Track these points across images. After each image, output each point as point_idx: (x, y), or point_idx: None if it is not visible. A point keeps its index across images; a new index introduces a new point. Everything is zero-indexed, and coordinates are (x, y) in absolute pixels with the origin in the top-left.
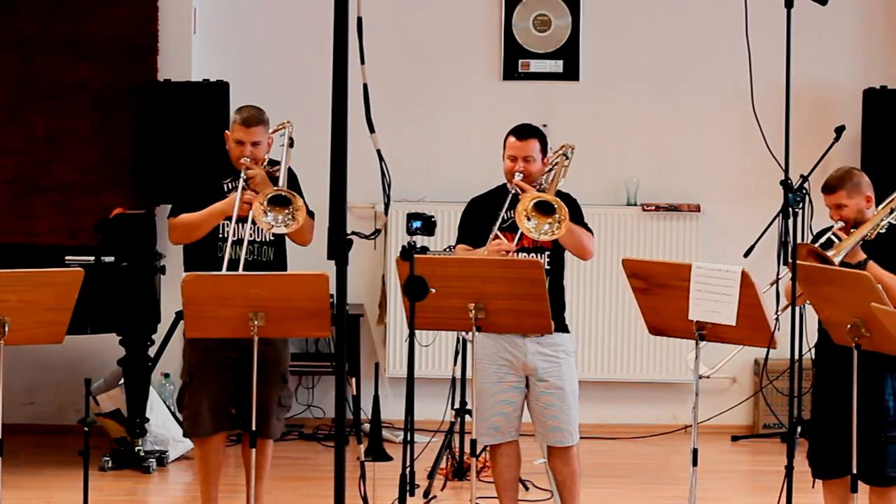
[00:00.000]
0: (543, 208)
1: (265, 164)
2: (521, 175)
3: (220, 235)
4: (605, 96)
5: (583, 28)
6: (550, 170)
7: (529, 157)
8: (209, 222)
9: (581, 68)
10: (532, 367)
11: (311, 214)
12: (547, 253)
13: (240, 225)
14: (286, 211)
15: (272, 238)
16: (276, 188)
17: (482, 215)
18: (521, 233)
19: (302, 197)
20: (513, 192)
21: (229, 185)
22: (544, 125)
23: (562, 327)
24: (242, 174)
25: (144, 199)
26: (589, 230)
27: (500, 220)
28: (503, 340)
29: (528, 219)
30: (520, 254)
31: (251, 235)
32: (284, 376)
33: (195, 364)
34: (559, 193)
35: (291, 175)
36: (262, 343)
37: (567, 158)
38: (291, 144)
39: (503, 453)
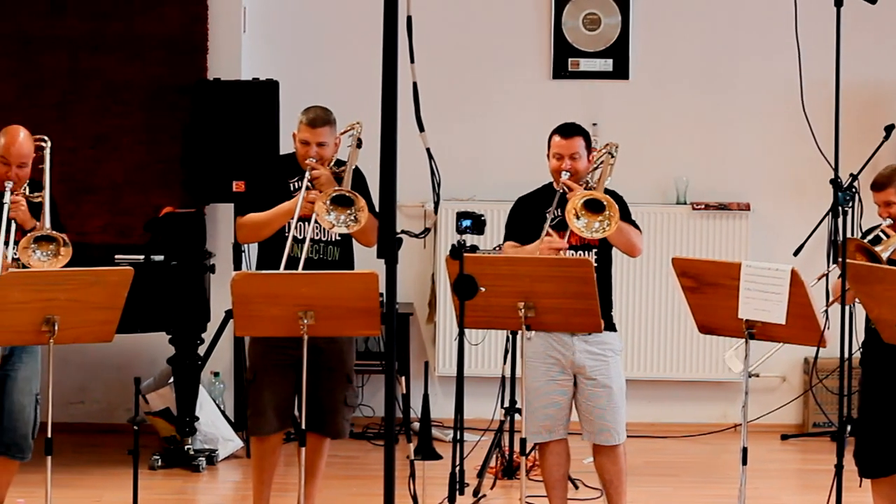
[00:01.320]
0: (593, 206)
1: (332, 164)
2: (568, 174)
3: (287, 234)
4: (654, 95)
5: (632, 26)
6: (596, 168)
7: (575, 155)
8: (276, 222)
9: (630, 67)
10: (580, 365)
11: (376, 215)
12: (594, 250)
13: (304, 224)
14: (348, 211)
15: (338, 238)
16: (338, 188)
17: (529, 214)
18: (570, 230)
19: (369, 198)
20: (560, 190)
21: (296, 184)
22: (594, 124)
23: (609, 326)
24: (307, 174)
25: (194, 197)
26: (637, 228)
27: (550, 217)
28: (551, 339)
29: (578, 217)
30: (567, 252)
31: (317, 234)
32: (349, 375)
33: (259, 362)
34: (606, 191)
35: (359, 175)
36: (326, 342)
37: (612, 157)
38: (359, 145)
39: (552, 451)
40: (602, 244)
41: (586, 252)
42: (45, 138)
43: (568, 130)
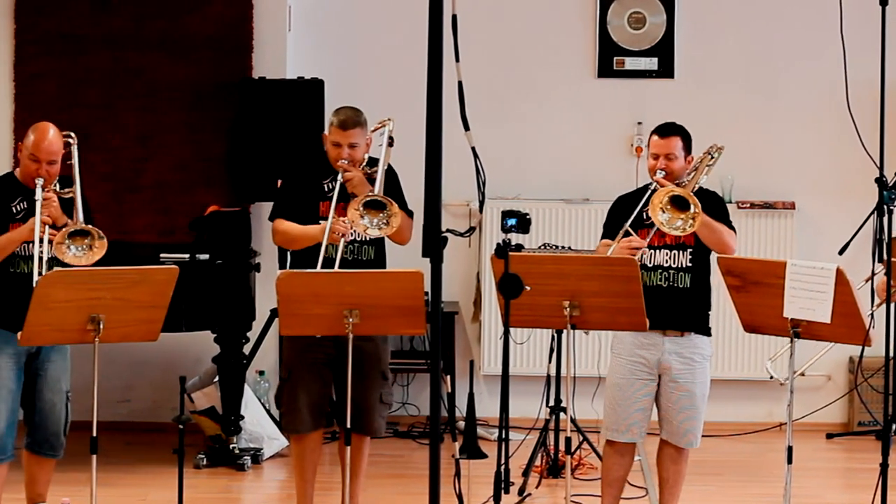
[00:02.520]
0: (679, 203)
1: (364, 163)
2: (663, 172)
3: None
4: (699, 94)
5: (677, 25)
6: (695, 168)
7: (671, 155)
8: (303, 242)
9: (676, 66)
10: (667, 366)
11: (409, 214)
12: (689, 250)
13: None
14: (381, 214)
15: (373, 238)
16: (370, 193)
17: (625, 212)
18: (659, 230)
19: (402, 195)
20: (653, 188)
21: (329, 185)
22: (639, 123)
23: (703, 329)
24: (339, 176)
25: (239, 196)
26: (732, 228)
27: (633, 216)
28: (641, 337)
29: (663, 212)
30: (661, 251)
31: (351, 235)
32: (385, 373)
33: (293, 361)
34: (704, 191)
35: (391, 173)
36: (361, 340)
37: (712, 158)
38: (391, 143)
39: (619, 451)
40: (697, 244)
41: (681, 252)
42: (72, 134)
43: (665, 130)
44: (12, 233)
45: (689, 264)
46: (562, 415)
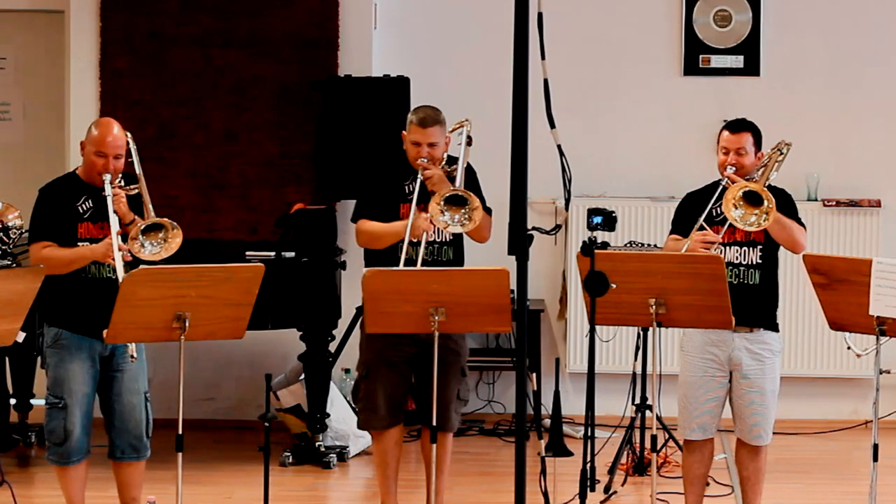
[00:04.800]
0: (752, 199)
1: (444, 162)
2: (734, 168)
3: (407, 238)
4: (785, 91)
5: (763, 23)
6: (765, 164)
7: (741, 150)
8: (387, 240)
9: (761, 63)
10: (737, 362)
11: (488, 211)
12: (759, 247)
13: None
14: (462, 210)
15: (451, 238)
16: (452, 188)
17: (695, 208)
18: (733, 226)
19: (480, 194)
20: (724, 184)
21: (409, 186)
22: (724, 120)
23: (772, 325)
24: (419, 175)
25: (325, 194)
26: (802, 224)
27: (706, 212)
28: (711, 334)
29: (736, 207)
30: (732, 247)
31: (431, 236)
32: (464, 370)
33: (371, 357)
34: (773, 189)
35: (470, 172)
36: (441, 337)
37: (781, 154)
38: (470, 143)
39: (698, 448)
40: (767, 241)
41: (751, 248)
42: (129, 133)
43: (736, 126)
44: (82, 250)
45: (759, 261)
46: (647, 412)
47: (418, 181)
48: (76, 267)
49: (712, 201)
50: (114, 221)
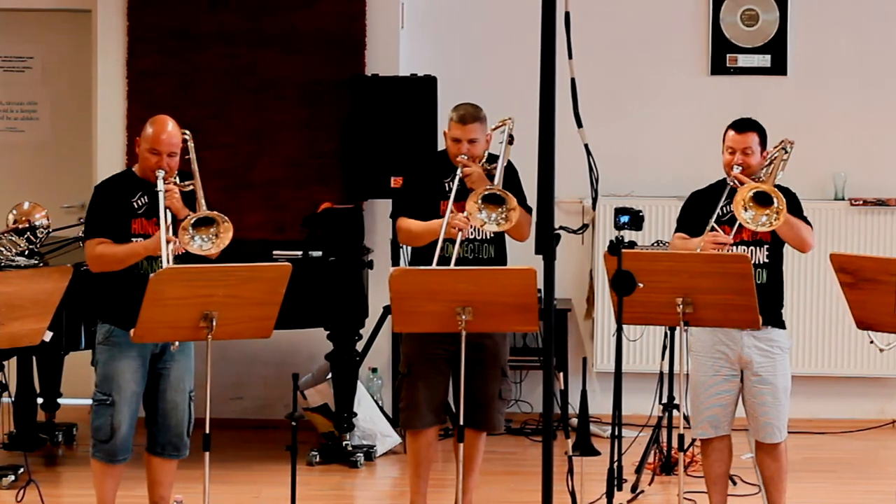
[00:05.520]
0: (761, 199)
1: (484, 160)
2: (740, 168)
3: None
4: (812, 91)
5: (790, 22)
6: (769, 163)
7: (748, 150)
8: (426, 237)
9: (789, 63)
10: (748, 360)
11: (528, 210)
12: (766, 246)
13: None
14: (500, 209)
15: (492, 236)
16: (489, 187)
17: (701, 208)
18: (740, 226)
19: (521, 193)
20: (731, 185)
21: (449, 184)
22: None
23: (779, 323)
24: (459, 172)
25: (352, 193)
26: (808, 223)
27: (717, 213)
28: (720, 333)
29: (746, 209)
30: (739, 247)
31: (471, 233)
32: (504, 369)
33: (413, 356)
34: (778, 187)
35: (511, 171)
36: (481, 337)
37: (786, 152)
38: (511, 141)
39: (715, 447)
40: (774, 240)
41: (758, 248)
42: (187, 132)
43: (742, 125)
44: (135, 246)
45: (766, 260)
46: (675, 412)
47: (457, 178)
48: (129, 263)
49: (721, 201)
50: (163, 217)
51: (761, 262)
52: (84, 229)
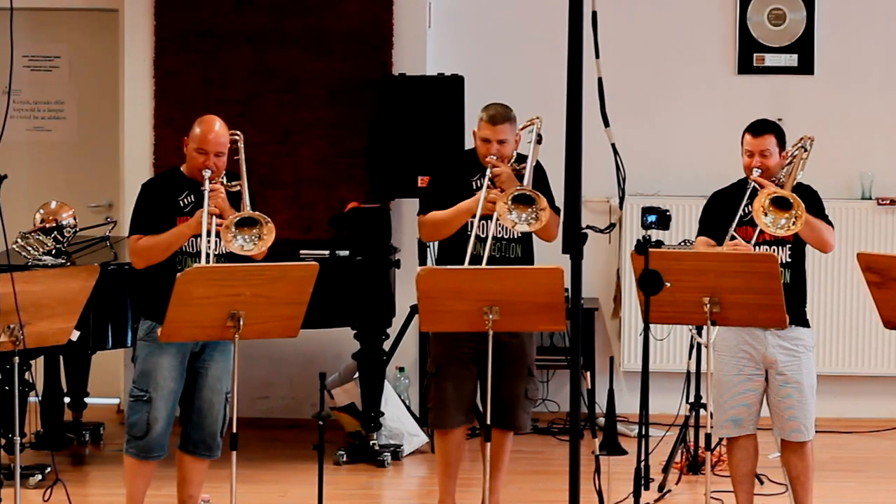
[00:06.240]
0: (780, 203)
1: (513, 160)
2: (759, 170)
3: (469, 233)
4: (839, 90)
5: (818, 21)
6: (790, 163)
7: (766, 152)
8: (457, 220)
9: (816, 62)
10: (772, 359)
11: (557, 210)
12: (788, 246)
13: (486, 222)
14: (530, 209)
15: (520, 235)
16: (519, 187)
17: (722, 209)
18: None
19: (549, 193)
20: (751, 187)
21: (477, 182)
22: (779, 119)
23: (802, 321)
24: (488, 172)
25: (379, 192)
26: (829, 223)
27: (737, 218)
28: (744, 333)
29: (766, 214)
30: (761, 247)
31: (499, 232)
32: (531, 369)
33: (442, 355)
34: (800, 186)
35: (539, 170)
36: (508, 336)
37: (806, 151)
38: (539, 141)
39: (741, 446)
40: (796, 240)
41: (780, 247)
42: (238, 133)
43: (758, 128)
44: (179, 227)
45: (789, 259)
46: (702, 411)
47: (486, 178)
48: (176, 248)
49: (742, 204)
50: (206, 217)
51: (784, 261)
52: (129, 226)
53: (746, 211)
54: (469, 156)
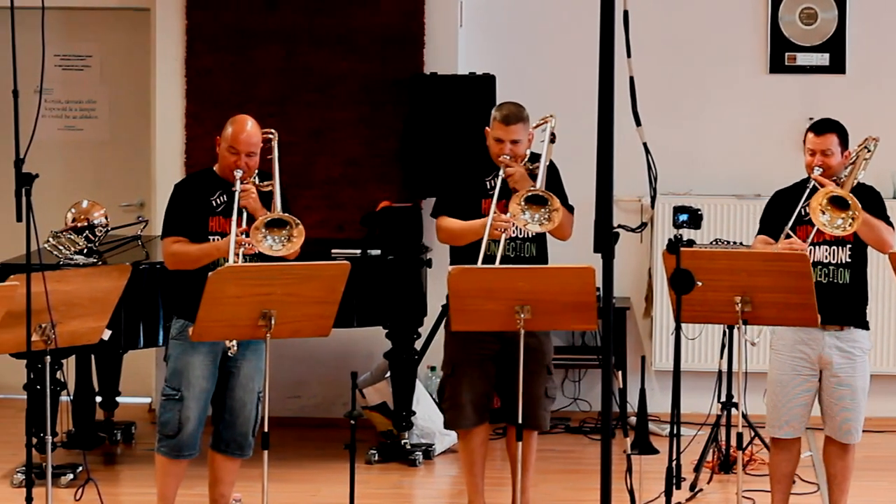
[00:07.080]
0: (838, 203)
1: (526, 159)
2: (820, 169)
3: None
4: (871, 89)
5: (849, 20)
6: (852, 162)
7: (827, 152)
8: (464, 239)
9: (847, 61)
10: (828, 360)
11: (570, 209)
12: (848, 246)
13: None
14: (543, 210)
15: (533, 235)
16: (532, 188)
17: (783, 208)
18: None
19: (563, 191)
20: (811, 186)
21: (491, 182)
22: (810, 118)
23: (861, 323)
24: (501, 172)
25: (411, 192)
26: (890, 224)
27: (794, 216)
28: (801, 332)
29: (823, 213)
30: (821, 246)
31: (513, 232)
32: (549, 367)
33: (457, 355)
34: (862, 186)
35: (553, 169)
36: (526, 335)
37: (869, 151)
38: (553, 139)
39: (785, 447)
40: (856, 240)
41: (840, 247)
42: (273, 131)
43: (821, 127)
44: (210, 245)
45: (849, 259)
46: (733, 410)
47: (500, 178)
48: (203, 263)
49: (801, 202)
50: (235, 217)
51: (844, 261)
52: (162, 227)
53: (806, 211)
54: (484, 155)
